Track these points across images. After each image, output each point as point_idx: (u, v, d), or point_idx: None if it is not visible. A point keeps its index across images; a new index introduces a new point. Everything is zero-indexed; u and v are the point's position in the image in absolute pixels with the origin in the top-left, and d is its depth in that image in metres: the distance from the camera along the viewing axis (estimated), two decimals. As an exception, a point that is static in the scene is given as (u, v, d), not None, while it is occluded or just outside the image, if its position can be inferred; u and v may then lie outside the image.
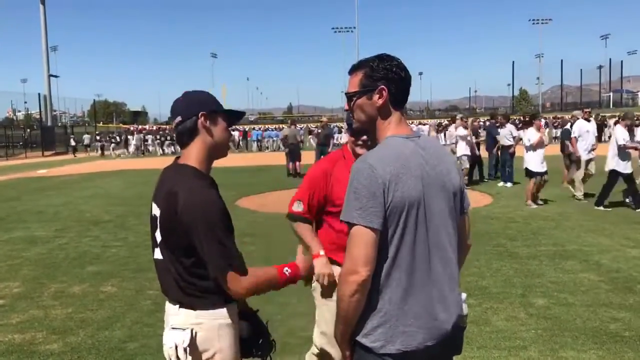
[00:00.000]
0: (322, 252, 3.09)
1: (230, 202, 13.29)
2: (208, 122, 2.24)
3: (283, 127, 46.28)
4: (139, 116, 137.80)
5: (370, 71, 2.08)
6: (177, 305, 2.25)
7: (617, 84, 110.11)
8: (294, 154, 19.48)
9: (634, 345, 4.48)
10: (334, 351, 3.10)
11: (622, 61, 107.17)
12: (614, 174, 10.50)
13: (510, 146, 15.25)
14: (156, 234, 2.29)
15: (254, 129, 51.30)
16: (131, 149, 42.45)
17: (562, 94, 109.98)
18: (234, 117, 2.39)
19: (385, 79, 2.06)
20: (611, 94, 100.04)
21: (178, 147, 2.34)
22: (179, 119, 2.27)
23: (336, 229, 3.08)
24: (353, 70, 2.16)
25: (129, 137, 45.42)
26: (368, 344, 2.02)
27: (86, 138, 46.32)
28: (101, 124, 77.24)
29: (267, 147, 43.95)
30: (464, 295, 2.22)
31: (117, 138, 44.94)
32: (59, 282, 6.78)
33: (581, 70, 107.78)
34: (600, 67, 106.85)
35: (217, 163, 2.40)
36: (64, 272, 7.27)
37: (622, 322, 4.97)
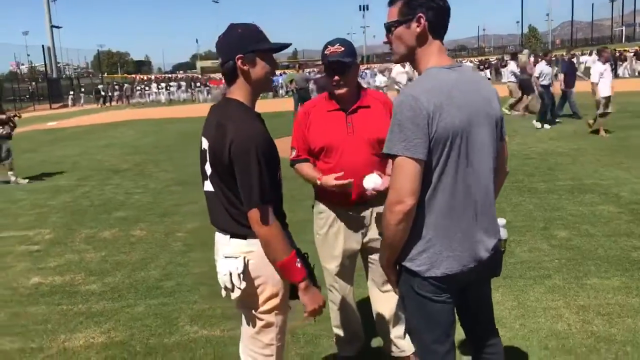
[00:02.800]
0: (319, 176, 3.11)
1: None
2: (246, 65, 2.25)
3: (287, 72, 45.51)
4: (142, 66, 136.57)
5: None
6: (228, 236, 2.34)
7: (629, 18, 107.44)
8: (303, 99, 19.36)
9: (656, 271, 4.61)
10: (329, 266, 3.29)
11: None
12: None
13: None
14: (206, 166, 2.36)
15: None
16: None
17: (573, 30, 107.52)
18: (278, 49, 2.40)
19: (424, 6, 2.06)
20: (624, 27, 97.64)
21: (164, 97, 2.31)
22: (220, 60, 2.32)
23: (319, 167, 3.17)
24: (392, 0, 2.17)
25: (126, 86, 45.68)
26: (414, 267, 2.12)
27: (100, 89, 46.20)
28: (106, 75, 76.70)
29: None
30: (503, 221, 2.31)
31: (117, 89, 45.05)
32: (89, 228, 6.97)
33: (592, 4, 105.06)
34: (612, 0, 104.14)
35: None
36: (91, 219, 7.45)
37: (643, 250, 5.09)
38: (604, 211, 6.35)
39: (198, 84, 45.43)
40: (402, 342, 3.43)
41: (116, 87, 46.15)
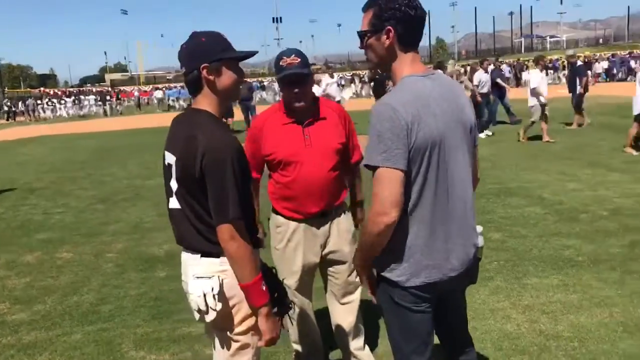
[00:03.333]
0: None
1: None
2: (212, 74, 2.15)
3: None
4: (47, 79, 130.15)
5: (378, 10, 2.05)
6: (199, 255, 2.21)
7: (527, 30, 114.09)
8: (226, 110, 19.10)
9: (588, 268, 4.84)
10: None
11: (531, 7, 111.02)
12: None
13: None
14: (171, 182, 2.23)
15: (170, 88, 50.11)
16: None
17: (476, 41, 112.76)
18: (244, 57, 2.28)
19: (393, 18, 2.03)
20: (522, 39, 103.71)
21: (67, 111, 2.19)
22: (183, 69, 2.21)
23: (276, 181, 3.09)
24: (365, 8, 2.13)
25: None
26: (394, 278, 2.10)
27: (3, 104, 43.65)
28: (7, 90, 72.65)
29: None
30: (480, 228, 2.32)
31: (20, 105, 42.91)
32: (8, 252, 6.47)
33: (494, 17, 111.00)
34: (511, 13, 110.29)
35: (148, 123, 2.31)
36: (9, 242, 6.94)
37: (573, 248, 5.34)
38: (532, 213, 6.64)
39: (108, 98, 43.96)
40: (361, 353, 3.40)
41: (17, 102, 43.81)
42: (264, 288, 2.15)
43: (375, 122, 1.97)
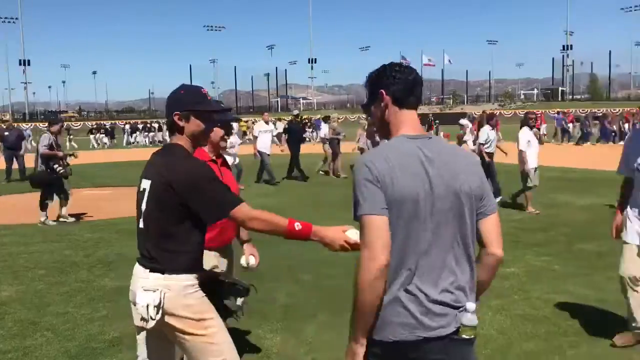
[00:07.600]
0: None
1: None
2: (182, 121, 2.67)
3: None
4: None
5: (369, 84, 2.29)
6: (148, 270, 2.57)
7: (282, 90, 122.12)
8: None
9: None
10: None
11: (285, 70, 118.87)
12: None
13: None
14: (142, 205, 2.63)
15: None
16: None
17: (236, 98, 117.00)
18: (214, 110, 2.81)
19: (383, 85, 2.21)
20: (278, 99, 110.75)
21: None
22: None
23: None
24: (365, 84, 2.34)
25: None
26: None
27: None
28: None
29: None
30: (472, 306, 2.04)
31: None
32: None
33: (252, 76, 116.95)
34: (267, 74, 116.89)
35: None
36: None
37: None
38: (339, 255, 7.18)
39: None
40: None
41: None
42: (299, 225, 2.51)
43: (354, 176, 2.08)
